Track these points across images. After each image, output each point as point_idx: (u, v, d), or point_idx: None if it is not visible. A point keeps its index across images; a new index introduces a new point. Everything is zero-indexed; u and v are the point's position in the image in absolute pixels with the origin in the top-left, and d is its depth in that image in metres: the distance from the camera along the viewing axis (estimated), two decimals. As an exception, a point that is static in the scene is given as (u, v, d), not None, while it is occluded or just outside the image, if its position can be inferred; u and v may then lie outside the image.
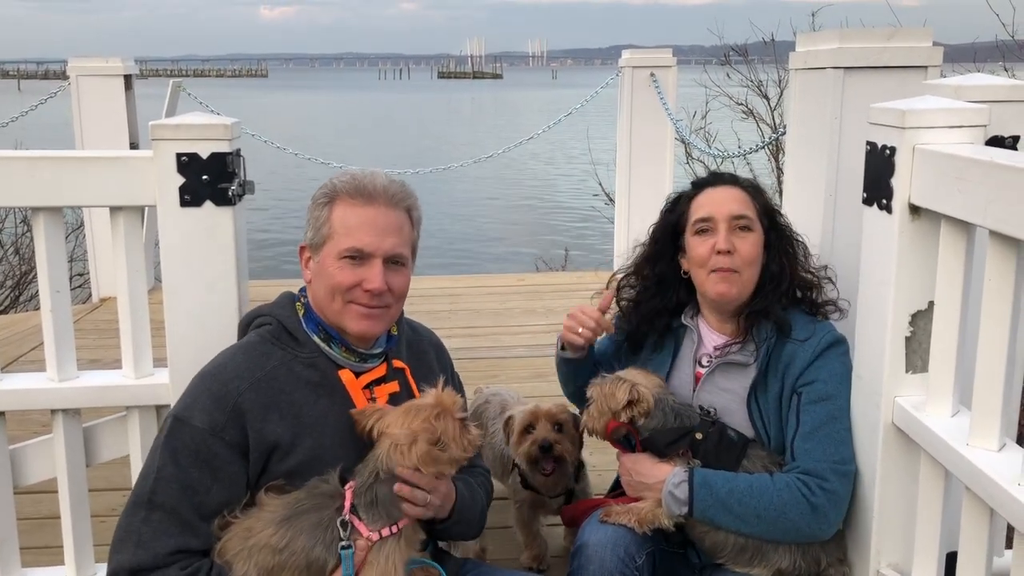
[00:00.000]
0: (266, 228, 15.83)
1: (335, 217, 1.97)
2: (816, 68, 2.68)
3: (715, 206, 2.34)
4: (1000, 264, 1.76)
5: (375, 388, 2.05)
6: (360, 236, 1.95)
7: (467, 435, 1.90)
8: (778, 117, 8.44)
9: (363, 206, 1.97)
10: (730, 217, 2.32)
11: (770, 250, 2.37)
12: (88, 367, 2.46)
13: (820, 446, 2.20)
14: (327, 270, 1.96)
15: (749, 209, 2.35)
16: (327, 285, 1.97)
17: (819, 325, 2.35)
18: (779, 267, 2.36)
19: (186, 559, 1.80)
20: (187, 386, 1.94)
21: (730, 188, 2.39)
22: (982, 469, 1.77)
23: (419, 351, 2.23)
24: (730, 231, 2.31)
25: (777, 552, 2.21)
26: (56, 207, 2.28)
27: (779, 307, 2.33)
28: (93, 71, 6.06)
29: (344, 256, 1.95)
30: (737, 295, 2.33)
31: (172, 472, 1.81)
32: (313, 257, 2.02)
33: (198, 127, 2.20)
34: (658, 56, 6.47)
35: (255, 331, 2.03)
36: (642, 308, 2.49)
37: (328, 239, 1.97)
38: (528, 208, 19.65)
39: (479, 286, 7.00)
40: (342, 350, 2.01)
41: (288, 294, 2.11)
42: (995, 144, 2.10)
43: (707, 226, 2.33)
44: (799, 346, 2.29)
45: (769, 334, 2.32)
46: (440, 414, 1.87)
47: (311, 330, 2.01)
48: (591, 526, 2.29)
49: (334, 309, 1.98)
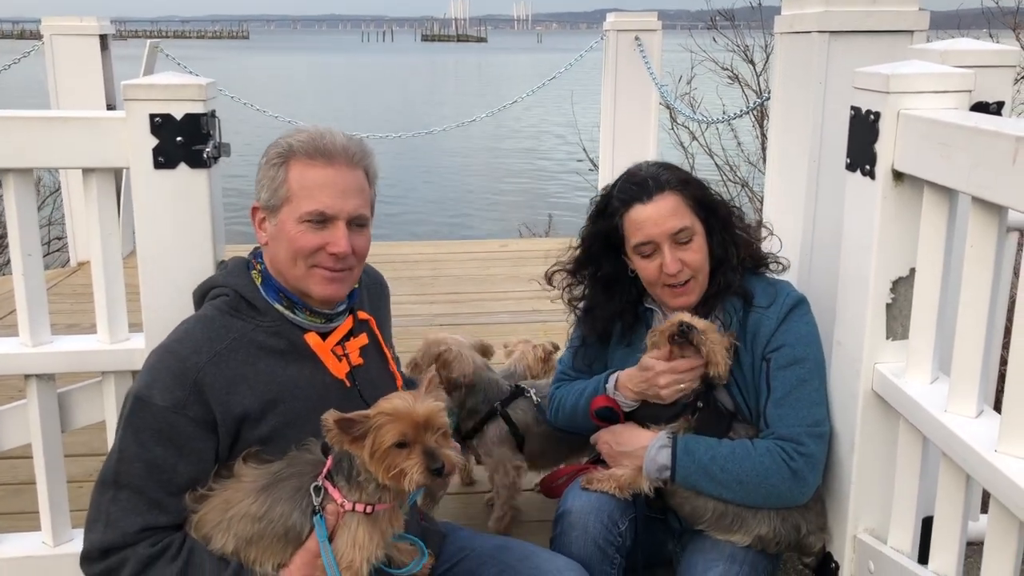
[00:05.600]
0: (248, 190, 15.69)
1: (292, 178, 1.89)
2: (801, 32, 2.65)
3: (652, 227, 2.25)
4: (982, 231, 1.75)
5: (346, 344, 2.02)
6: (322, 198, 1.88)
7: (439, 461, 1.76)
8: (763, 82, 8.39)
9: (323, 167, 1.89)
10: (669, 235, 2.25)
11: (712, 235, 2.32)
12: (66, 331, 2.43)
13: (793, 411, 2.21)
14: (287, 234, 1.90)
15: (685, 215, 2.27)
16: (289, 250, 1.90)
17: (778, 288, 2.34)
18: (723, 248, 2.32)
19: (154, 535, 1.79)
20: (146, 361, 1.88)
21: (662, 199, 2.26)
22: (959, 435, 1.78)
23: (376, 296, 2.21)
24: (674, 248, 2.25)
25: (757, 518, 2.22)
26: (26, 168, 2.23)
27: (736, 281, 2.31)
28: (67, 30, 5.93)
29: (305, 220, 1.88)
30: (696, 301, 2.32)
31: (135, 452, 1.79)
32: (269, 219, 1.94)
33: (172, 87, 2.14)
34: (643, 20, 6.40)
35: (211, 303, 1.96)
36: (597, 313, 2.45)
37: (286, 201, 1.89)
38: (512, 173, 19.53)
39: (462, 252, 6.96)
40: (306, 314, 1.97)
41: (240, 260, 2.04)
42: (980, 110, 2.09)
43: (649, 249, 2.27)
44: (763, 313, 2.28)
45: (736, 307, 2.31)
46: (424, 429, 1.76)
47: (272, 298, 1.95)
48: (573, 492, 2.29)
49: (296, 274, 1.92)
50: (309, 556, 1.77)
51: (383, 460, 1.69)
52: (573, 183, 14.92)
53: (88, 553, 1.81)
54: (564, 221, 12.10)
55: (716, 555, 2.24)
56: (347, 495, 1.75)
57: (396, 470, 1.69)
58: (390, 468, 1.69)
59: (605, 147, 6.66)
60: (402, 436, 1.69)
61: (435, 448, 1.71)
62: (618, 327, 2.45)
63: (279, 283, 1.96)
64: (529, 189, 17.60)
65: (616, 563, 2.23)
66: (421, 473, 1.69)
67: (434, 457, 1.70)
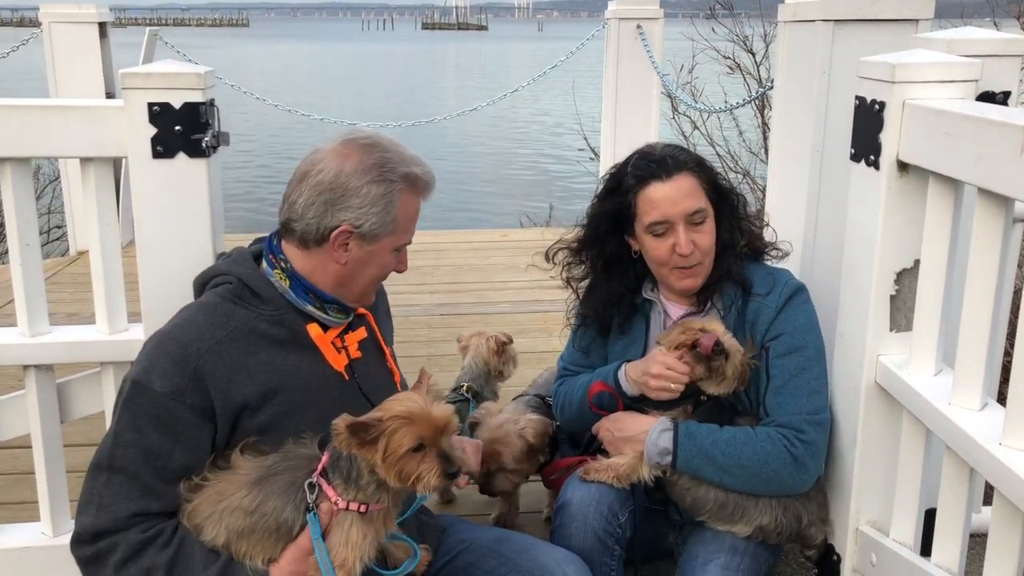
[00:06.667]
0: (251, 180, 15.67)
1: (400, 210, 1.94)
2: (805, 20, 2.63)
3: (670, 206, 2.21)
4: (987, 222, 1.74)
5: (345, 337, 2.02)
6: (414, 230, 2.03)
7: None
8: (764, 72, 8.35)
9: (420, 199, 2.01)
10: (685, 215, 2.22)
11: (721, 220, 2.30)
12: (66, 320, 2.42)
13: (793, 399, 2.20)
14: (381, 260, 1.97)
15: (700, 196, 2.24)
16: (375, 274, 1.99)
17: (777, 275, 2.32)
18: (730, 234, 2.31)
19: (146, 521, 1.78)
20: (145, 346, 1.87)
21: (679, 179, 2.23)
22: (963, 428, 1.77)
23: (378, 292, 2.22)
24: (688, 229, 2.22)
25: (758, 508, 2.21)
26: (24, 157, 2.21)
27: (737, 268, 2.30)
28: (66, 18, 5.89)
29: (397, 248, 2.00)
30: (702, 282, 2.30)
31: (131, 437, 1.78)
32: (363, 244, 1.93)
33: (170, 76, 2.12)
34: (645, 8, 6.35)
35: (213, 291, 1.95)
36: (597, 293, 2.43)
37: (392, 232, 1.95)
38: (512, 163, 19.48)
39: (463, 241, 6.94)
40: (335, 309, 1.99)
41: (243, 249, 2.03)
42: (986, 100, 2.07)
43: (663, 228, 2.23)
44: (762, 301, 2.27)
45: (735, 296, 2.30)
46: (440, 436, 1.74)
47: (303, 299, 1.94)
48: (573, 484, 2.29)
49: (360, 290, 2.00)
50: (300, 552, 1.76)
51: (397, 464, 1.68)
52: (574, 172, 14.89)
53: (79, 536, 1.80)
54: (565, 210, 12.08)
55: (717, 546, 2.23)
56: (342, 494, 1.73)
57: (411, 474, 1.68)
58: (404, 471, 1.68)
59: (606, 136, 6.63)
60: (419, 440, 1.68)
61: (449, 451, 1.71)
62: (616, 319, 2.43)
63: (312, 284, 1.95)
64: (530, 178, 17.56)
65: (616, 554, 2.22)
66: (438, 477, 1.69)
67: (450, 461, 1.70)
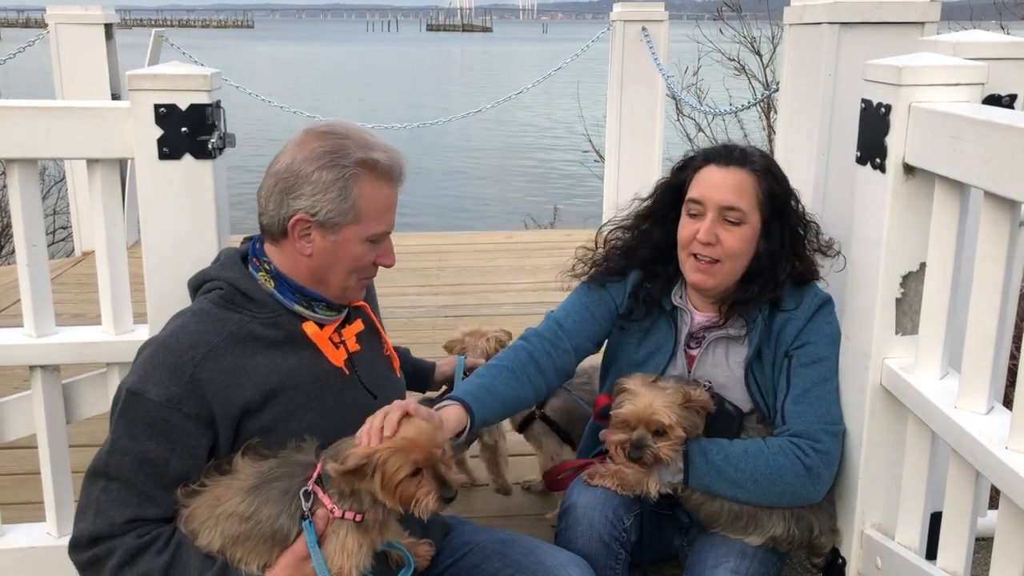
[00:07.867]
0: (254, 182, 15.66)
1: (362, 197, 1.87)
2: (811, 23, 2.63)
3: (709, 190, 2.20)
4: (994, 226, 1.73)
5: (343, 331, 2.03)
6: (388, 219, 1.94)
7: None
8: (770, 74, 8.35)
9: (388, 187, 1.92)
10: (720, 207, 2.19)
11: (768, 240, 2.24)
12: (71, 322, 2.42)
13: (811, 408, 2.19)
14: (350, 252, 1.91)
15: (746, 199, 2.19)
16: (347, 267, 1.92)
17: (804, 290, 2.31)
18: (772, 259, 2.24)
19: (142, 527, 1.79)
20: (139, 355, 1.86)
21: (735, 171, 2.20)
22: (969, 432, 1.76)
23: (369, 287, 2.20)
24: (717, 220, 2.19)
25: (771, 519, 2.21)
26: (31, 159, 2.22)
27: (767, 295, 2.25)
28: (72, 19, 5.90)
29: (370, 239, 1.92)
30: (714, 286, 2.26)
31: (127, 445, 1.78)
32: (325, 234, 1.89)
33: (177, 77, 2.13)
34: (650, 10, 6.35)
35: (205, 297, 1.94)
36: (639, 253, 2.39)
37: (355, 221, 1.88)
38: (517, 165, 19.49)
39: (467, 243, 6.95)
40: (323, 307, 1.98)
41: (232, 251, 2.02)
42: (992, 103, 2.07)
43: (697, 209, 2.22)
44: (791, 314, 2.26)
45: (763, 311, 2.28)
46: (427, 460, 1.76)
47: (290, 300, 1.94)
48: (579, 487, 2.28)
49: (341, 285, 1.95)
50: (295, 559, 1.76)
51: (395, 490, 1.71)
52: (579, 175, 14.89)
53: (76, 541, 1.81)
54: (569, 212, 12.08)
55: (726, 550, 2.22)
56: (338, 502, 1.74)
57: (410, 497, 1.72)
58: (402, 496, 1.72)
59: (611, 138, 6.62)
60: (414, 466, 1.72)
61: (445, 473, 1.75)
62: (639, 319, 2.37)
63: (297, 283, 1.94)
64: (534, 180, 17.56)
65: (621, 558, 2.21)
66: (435, 501, 1.73)
67: (446, 485, 1.74)
